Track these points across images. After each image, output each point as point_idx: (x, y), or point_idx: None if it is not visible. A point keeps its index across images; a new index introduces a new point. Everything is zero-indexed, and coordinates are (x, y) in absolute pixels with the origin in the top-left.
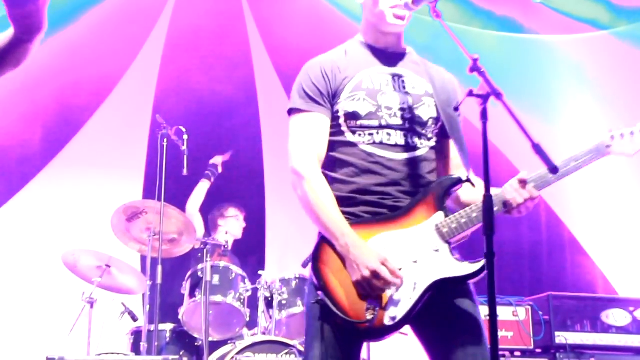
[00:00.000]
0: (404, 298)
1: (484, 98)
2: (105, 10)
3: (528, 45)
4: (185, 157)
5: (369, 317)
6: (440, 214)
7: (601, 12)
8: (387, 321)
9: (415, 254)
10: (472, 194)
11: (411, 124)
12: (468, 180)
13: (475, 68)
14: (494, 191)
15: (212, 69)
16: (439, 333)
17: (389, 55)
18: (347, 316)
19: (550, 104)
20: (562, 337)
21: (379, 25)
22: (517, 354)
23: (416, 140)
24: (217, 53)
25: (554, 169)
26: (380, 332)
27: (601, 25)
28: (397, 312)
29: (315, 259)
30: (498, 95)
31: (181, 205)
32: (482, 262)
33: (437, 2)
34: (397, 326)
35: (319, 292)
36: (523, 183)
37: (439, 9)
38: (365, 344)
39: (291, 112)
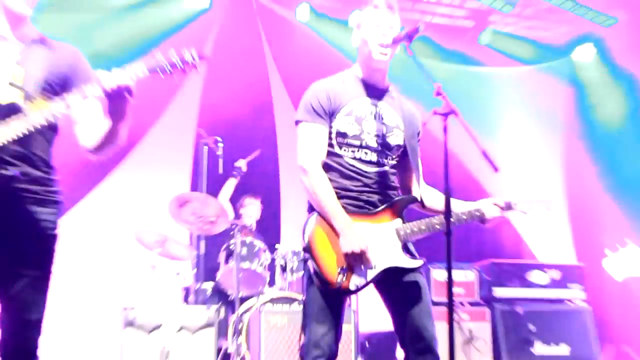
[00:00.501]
0: (365, 274)
1: (445, 115)
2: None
3: (475, 75)
4: (221, 160)
5: (339, 280)
6: (399, 220)
7: (529, 50)
8: (352, 287)
9: (379, 244)
10: (432, 202)
11: (382, 147)
12: (421, 202)
13: (439, 93)
14: (461, 203)
15: (240, 94)
16: (396, 296)
17: (375, 90)
18: (323, 276)
19: (492, 121)
20: (499, 292)
21: (369, 62)
22: (467, 304)
23: (384, 159)
24: (243, 82)
25: (496, 169)
26: (344, 292)
27: (527, 61)
28: (359, 282)
29: (306, 232)
30: (456, 114)
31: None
32: (421, 261)
33: (411, 42)
34: (356, 291)
35: (306, 254)
36: (499, 207)
37: (411, 48)
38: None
39: (299, 122)
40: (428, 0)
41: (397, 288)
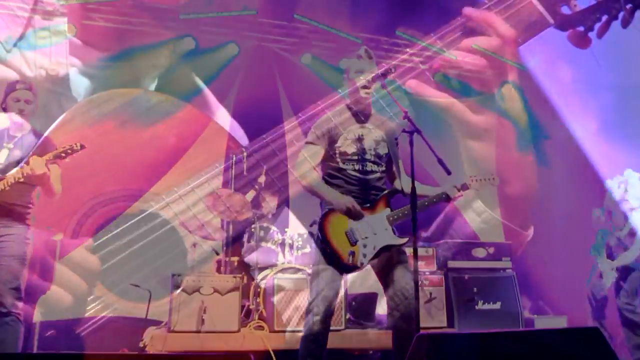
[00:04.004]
0: (367, 253)
1: (411, 133)
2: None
3: (431, 103)
4: (245, 165)
5: (350, 261)
6: (388, 209)
7: (468, 88)
8: (358, 263)
9: (375, 229)
10: (420, 189)
11: (375, 158)
12: (401, 192)
13: (406, 116)
14: (431, 189)
15: (259, 117)
16: (387, 267)
17: (364, 116)
18: (338, 258)
19: (444, 139)
20: (451, 264)
21: (358, 98)
22: (427, 273)
23: (376, 167)
24: (262, 108)
25: (449, 173)
26: (352, 269)
27: (467, 94)
28: (363, 259)
29: (321, 223)
30: (419, 132)
31: (243, 192)
32: (407, 238)
33: (385, 79)
34: (361, 267)
35: (323, 244)
36: (457, 188)
37: (385, 83)
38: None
39: (307, 142)
40: (397, 50)
41: (388, 260)
